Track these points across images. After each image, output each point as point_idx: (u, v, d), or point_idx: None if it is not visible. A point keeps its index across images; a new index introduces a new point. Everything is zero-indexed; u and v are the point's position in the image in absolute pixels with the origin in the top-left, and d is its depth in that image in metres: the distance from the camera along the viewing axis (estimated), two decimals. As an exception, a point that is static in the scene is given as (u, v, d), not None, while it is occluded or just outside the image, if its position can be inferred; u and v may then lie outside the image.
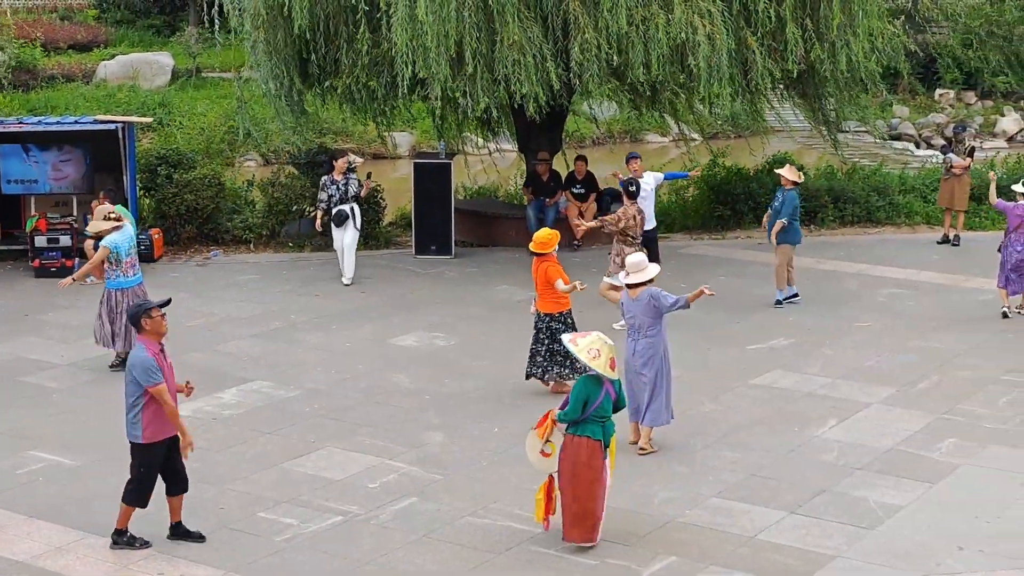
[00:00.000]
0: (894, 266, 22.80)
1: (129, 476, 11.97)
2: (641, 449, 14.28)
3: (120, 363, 16.94)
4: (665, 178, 22.16)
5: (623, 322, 16.49)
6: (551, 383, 16.04)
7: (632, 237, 18.55)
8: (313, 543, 12.01)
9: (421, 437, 14.74)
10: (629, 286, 14.36)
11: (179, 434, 11.90)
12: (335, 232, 21.94)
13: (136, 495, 11.92)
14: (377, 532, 12.26)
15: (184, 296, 20.51)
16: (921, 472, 13.74)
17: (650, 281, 14.27)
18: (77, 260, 22.23)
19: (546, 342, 15.98)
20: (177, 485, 12.05)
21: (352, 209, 21.89)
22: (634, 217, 18.66)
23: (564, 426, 12.02)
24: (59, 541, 12.02)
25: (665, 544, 12.00)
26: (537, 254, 15.79)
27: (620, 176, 20.87)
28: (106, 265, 16.83)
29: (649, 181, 20.57)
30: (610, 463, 12.02)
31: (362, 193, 22.25)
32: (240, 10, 23.40)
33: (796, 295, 20.58)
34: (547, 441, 12.17)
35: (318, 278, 22.22)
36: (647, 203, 20.20)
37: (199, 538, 12.02)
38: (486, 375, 16.80)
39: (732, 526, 12.40)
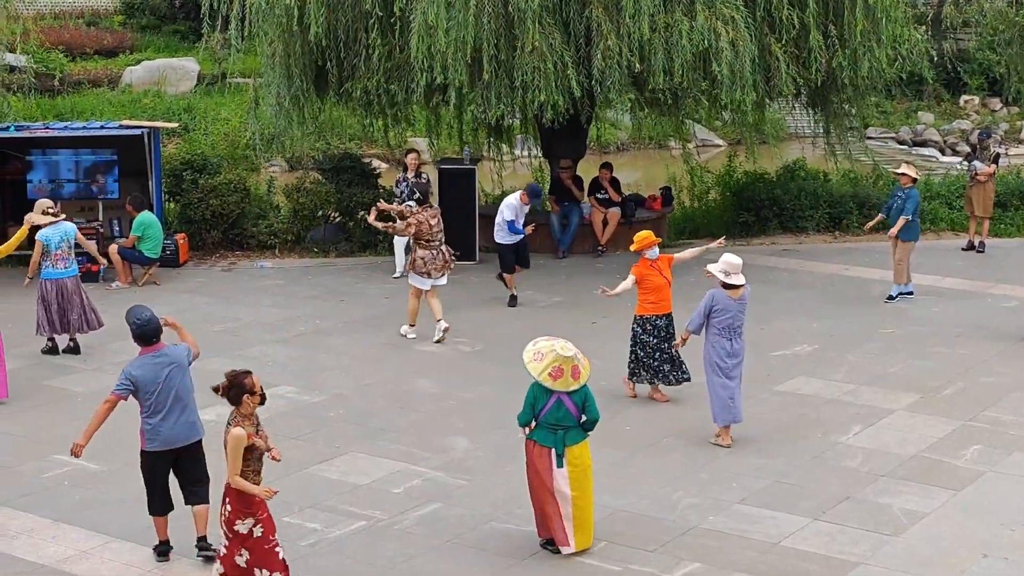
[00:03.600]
0: (919, 272, 22.74)
1: (206, 478, 11.90)
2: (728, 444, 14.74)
3: (72, 348, 18.13)
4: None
5: (406, 329, 18.30)
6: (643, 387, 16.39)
7: (427, 240, 18.69)
8: (337, 548, 12.05)
9: (445, 442, 14.77)
10: (731, 286, 14.44)
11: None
12: None
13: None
14: (401, 537, 12.29)
15: (209, 301, 20.61)
16: (945, 479, 13.72)
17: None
18: (103, 265, 22.35)
19: (631, 347, 16.29)
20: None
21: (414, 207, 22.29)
22: (427, 222, 18.70)
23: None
24: (84, 545, 12.08)
25: (689, 550, 12.00)
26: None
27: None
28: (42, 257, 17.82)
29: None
30: (570, 474, 11.77)
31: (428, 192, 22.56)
32: (258, 18, 23.45)
33: (911, 292, 21.30)
34: None
35: (343, 283, 22.28)
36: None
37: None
38: (509, 380, 16.81)
39: (756, 532, 12.40)
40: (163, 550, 11.84)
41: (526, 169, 29.32)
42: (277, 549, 10.57)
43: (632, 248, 16.16)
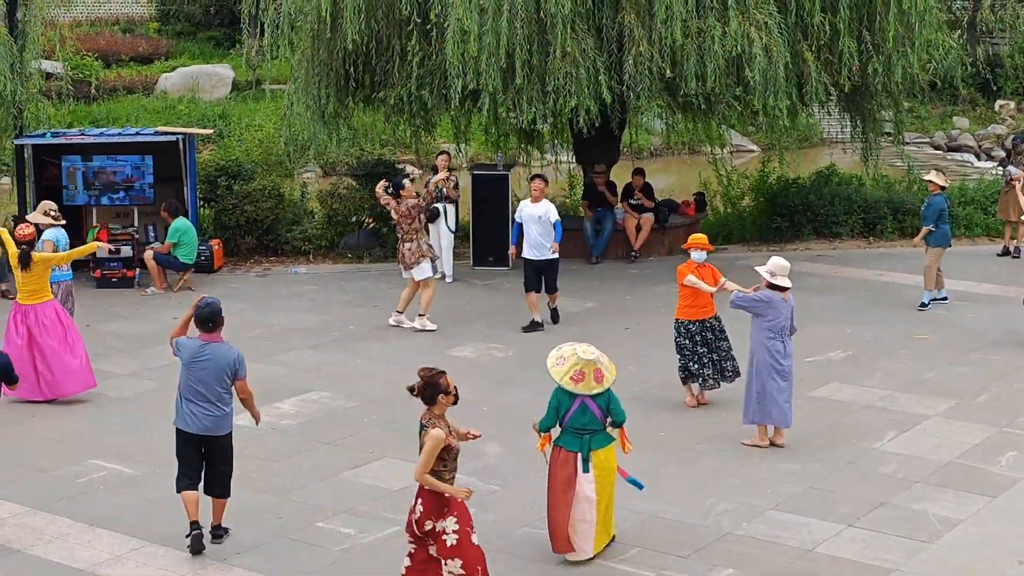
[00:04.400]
0: (953, 278, 22.63)
1: (228, 471, 12.34)
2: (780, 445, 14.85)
3: None
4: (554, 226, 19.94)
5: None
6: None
7: (403, 232, 19.66)
8: (371, 553, 12.08)
9: (478, 448, 14.75)
10: (780, 288, 14.57)
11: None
12: (431, 228, 22.75)
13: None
14: (435, 542, 12.29)
15: (244, 307, 20.68)
16: (981, 486, 13.65)
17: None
18: (138, 271, 22.45)
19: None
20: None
21: (445, 208, 22.65)
22: (395, 210, 19.65)
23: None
24: (119, 550, 12.14)
25: (722, 556, 11.99)
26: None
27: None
28: None
29: (548, 211, 19.63)
30: (596, 478, 11.83)
31: (450, 195, 22.65)
32: (287, 26, 23.63)
33: (945, 297, 21.07)
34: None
35: (376, 289, 22.33)
36: (536, 228, 19.54)
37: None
38: (542, 386, 16.76)
39: (790, 539, 12.37)
40: (194, 532, 12.04)
41: (559, 175, 29.31)
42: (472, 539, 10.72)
43: (684, 246, 16.19)
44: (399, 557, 11.94)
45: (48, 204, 18.72)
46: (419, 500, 10.61)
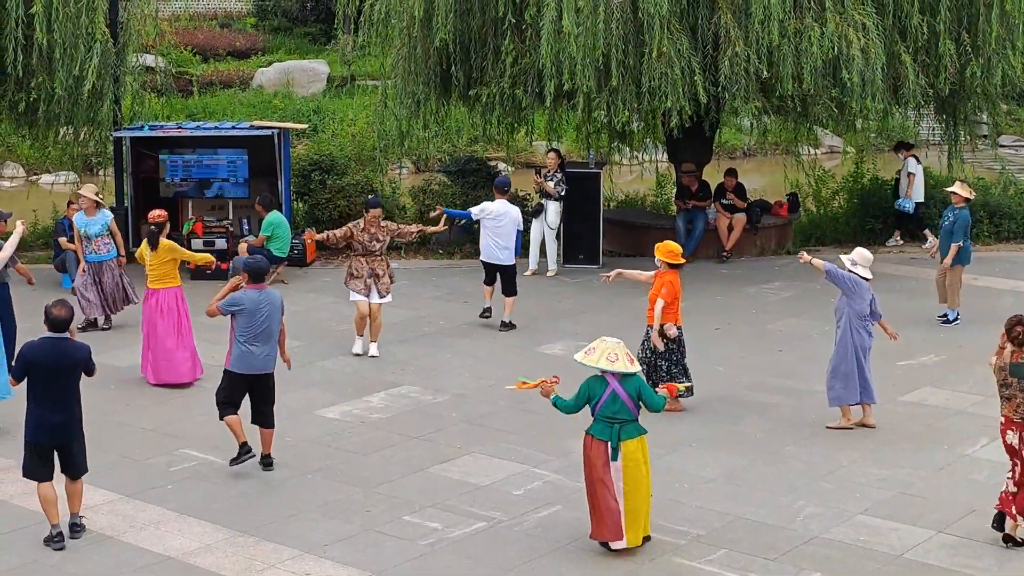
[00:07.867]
0: (1050, 283, 22.38)
1: (273, 403, 14.02)
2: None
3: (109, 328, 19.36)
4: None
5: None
6: None
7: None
8: (457, 548, 12.13)
9: (565, 445, 14.77)
10: (863, 279, 15.09)
11: None
12: (533, 223, 23.27)
13: None
14: (521, 539, 12.33)
15: (335, 300, 20.82)
16: (1075, 494, 13.45)
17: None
18: (231, 263, 22.66)
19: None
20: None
21: (547, 205, 23.18)
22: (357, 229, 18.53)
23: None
24: (209, 539, 12.28)
25: (810, 560, 11.92)
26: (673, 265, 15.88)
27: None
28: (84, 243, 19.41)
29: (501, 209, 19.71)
30: (624, 469, 11.93)
31: (550, 192, 23.10)
32: (379, 24, 23.84)
33: (958, 317, 20.23)
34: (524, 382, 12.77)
35: (467, 285, 22.35)
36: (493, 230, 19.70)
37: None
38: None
39: (879, 544, 12.27)
40: (246, 451, 13.82)
41: (647, 173, 29.25)
42: None
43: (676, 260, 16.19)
44: (485, 553, 12.01)
45: (93, 188, 20.06)
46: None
